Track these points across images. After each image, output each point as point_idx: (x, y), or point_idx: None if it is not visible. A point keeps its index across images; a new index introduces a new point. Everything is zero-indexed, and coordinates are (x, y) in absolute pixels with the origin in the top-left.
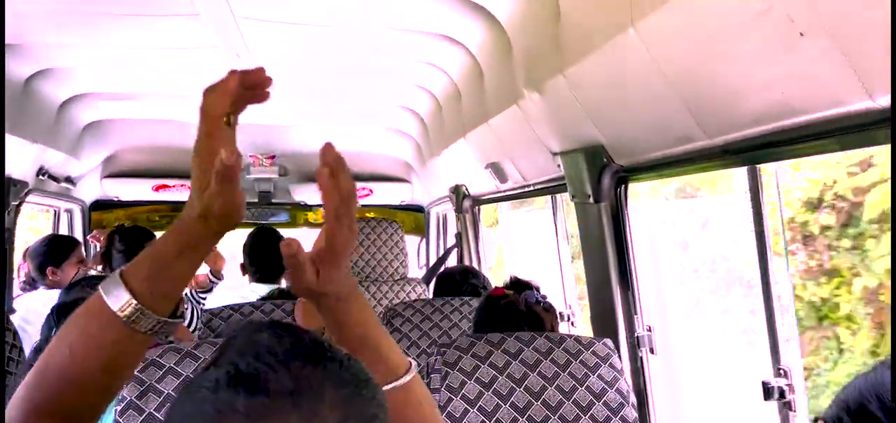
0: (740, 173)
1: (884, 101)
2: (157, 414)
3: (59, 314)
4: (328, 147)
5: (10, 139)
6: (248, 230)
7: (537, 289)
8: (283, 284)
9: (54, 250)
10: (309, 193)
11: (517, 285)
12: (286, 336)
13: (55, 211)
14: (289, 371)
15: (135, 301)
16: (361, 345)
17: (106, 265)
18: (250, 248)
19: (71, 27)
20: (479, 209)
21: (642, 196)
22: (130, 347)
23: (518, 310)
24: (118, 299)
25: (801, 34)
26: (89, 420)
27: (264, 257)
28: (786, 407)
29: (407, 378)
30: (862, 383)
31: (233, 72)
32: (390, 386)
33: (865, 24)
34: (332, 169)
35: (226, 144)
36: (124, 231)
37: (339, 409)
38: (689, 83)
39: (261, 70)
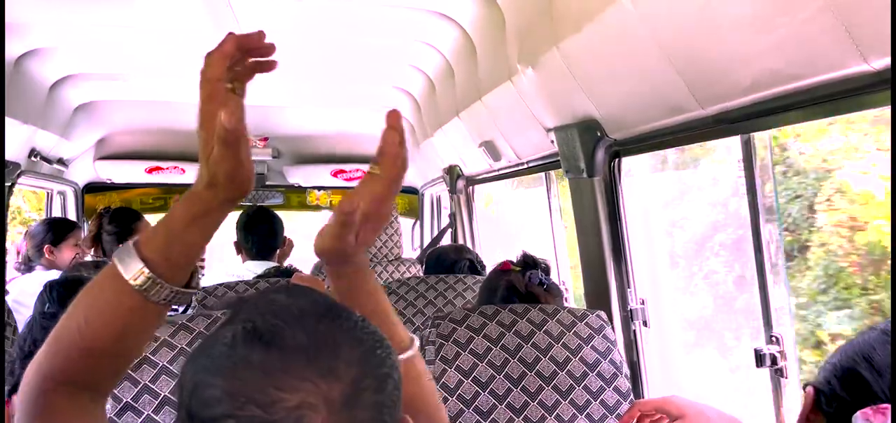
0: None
1: (878, 63)
2: (152, 385)
3: (52, 290)
4: (395, 114)
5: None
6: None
7: (546, 268)
8: (276, 264)
9: (54, 230)
10: (303, 175)
11: (525, 262)
12: (302, 296)
13: (48, 193)
14: (305, 328)
15: (148, 271)
16: (371, 316)
17: (97, 248)
18: (245, 225)
19: (61, 6)
20: (472, 190)
21: (635, 170)
22: (145, 316)
23: (516, 290)
24: (131, 269)
25: None
26: (105, 387)
27: (260, 233)
28: (778, 374)
29: (411, 353)
30: (850, 347)
31: (230, 35)
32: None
33: None
34: (400, 135)
35: (228, 109)
36: (114, 212)
37: (354, 366)
38: (683, 52)
39: (260, 33)
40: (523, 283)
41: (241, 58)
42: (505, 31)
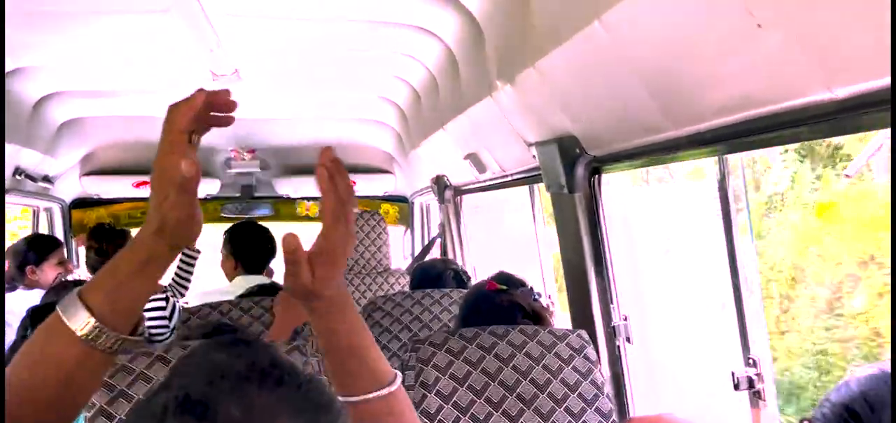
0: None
1: (842, 92)
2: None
3: (34, 317)
4: (327, 150)
5: None
6: (227, 225)
7: (531, 287)
8: (265, 279)
9: (35, 249)
10: (292, 186)
11: (508, 280)
12: (243, 356)
13: (35, 210)
14: (241, 398)
15: (93, 320)
16: (350, 353)
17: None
18: (234, 239)
19: (43, 25)
20: (460, 199)
21: (616, 184)
22: (91, 364)
23: (520, 308)
24: (77, 318)
25: (759, 26)
26: None
27: (249, 247)
28: (756, 397)
29: (392, 388)
30: (849, 386)
31: (200, 90)
32: (375, 394)
33: (821, 16)
34: (331, 170)
35: (188, 159)
36: (94, 231)
37: None
38: (656, 74)
39: (227, 93)
40: (530, 302)
41: (204, 112)
42: (485, 48)
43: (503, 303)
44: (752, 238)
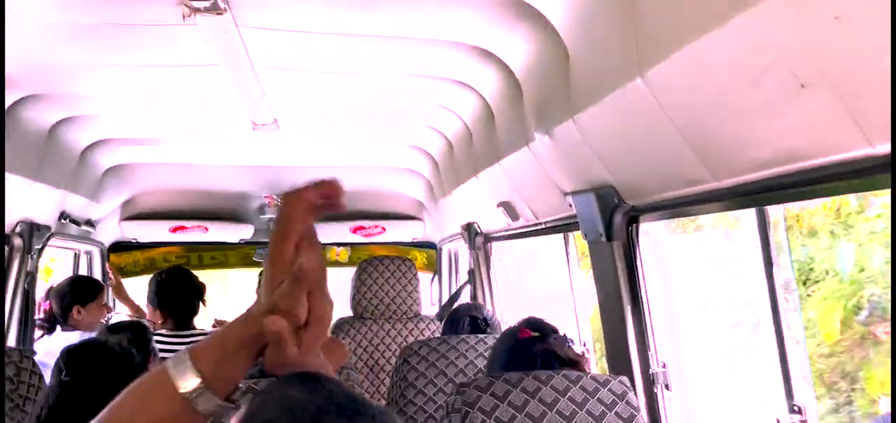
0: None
1: (883, 147)
2: None
3: (68, 358)
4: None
5: (34, 186)
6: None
7: (565, 334)
8: None
9: (81, 291)
10: (323, 232)
11: (540, 327)
12: (318, 391)
13: (75, 253)
14: None
15: (199, 380)
16: None
17: (157, 312)
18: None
19: (93, 77)
20: (490, 246)
21: (653, 232)
22: None
23: (556, 357)
24: (187, 379)
25: (802, 86)
26: None
27: None
28: None
29: None
30: None
31: (311, 185)
32: None
33: (863, 76)
34: (304, 242)
35: (305, 251)
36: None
37: None
38: (697, 130)
39: (336, 182)
40: (565, 349)
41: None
42: (522, 101)
43: (539, 352)
44: (796, 287)
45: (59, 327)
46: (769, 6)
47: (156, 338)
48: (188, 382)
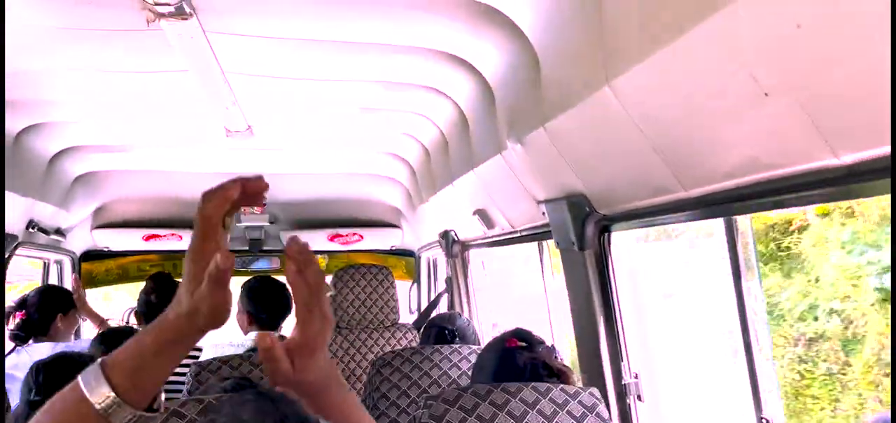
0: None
1: (848, 158)
2: None
3: (39, 373)
4: (293, 241)
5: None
6: (241, 279)
7: (553, 345)
8: (279, 333)
9: (63, 300)
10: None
11: (527, 337)
12: (270, 412)
13: (45, 263)
14: None
15: (113, 394)
16: None
17: (141, 320)
18: (251, 294)
19: (60, 82)
20: (468, 254)
21: (626, 242)
22: None
23: (546, 366)
24: (97, 392)
25: (766, 94)
26: None
27: (264, 304)
28: None
29: None
30: None
31: (233, 181)
32: None
33: (826, 84)
34: (299, 264)
35: (220, 248)
36: (158, 280)
37: None
38: (664, 137)
39: (260, 179)
40: (552, 360)
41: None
42: (495, 109)
43: (527, 362)
44: (763, 298)
45: (39, 338)
46: (732, 14)
47: None
48: (101, 396)
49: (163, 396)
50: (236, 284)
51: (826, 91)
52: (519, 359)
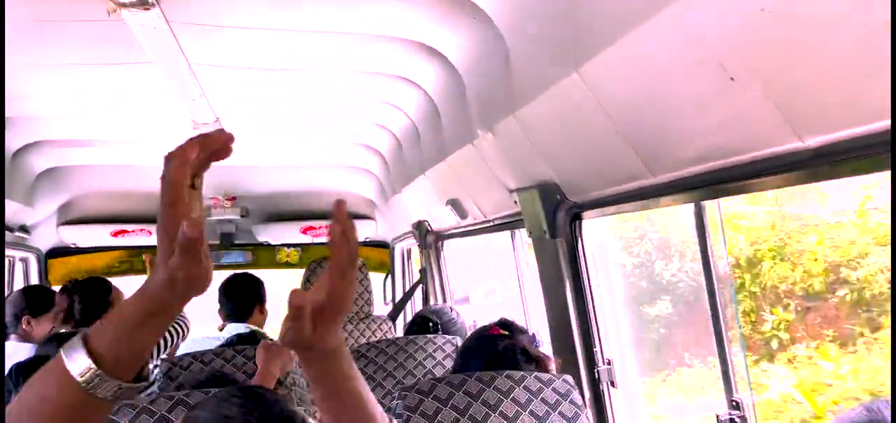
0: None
1: (813, 141)
2: None
3: (18, 374)
4: (340, 205)
5: None
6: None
7: (534, 333)
8: (244, 328)
9: (34, 301)
10: (272, 233)
11: (510, 326)
12: (255, 409)
13: (10, 261)
14: None
15: (94, 366)
16: (345, 401)
17: (74, 324)
18: (222, 289)
19: (20, 76)
20: (442, 244)
21: (596, 228)
22: (88, 412)
23: (525, 353)
24: (78, 363)
25: (732, 79)
26: None
27: (232, 296)
28: None
29: None
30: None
31: (192, 139)
32: None
33: (791, 69)
34: (345, 229)
35: (191, 211)
36: (81, 286)
37: None
38: (633, 124)
39: (221, 131)
40: (533, 347)
41: (201, 156)
42: (466, 97)
43: (507, 347)
44: (732, 283)
45: (13, 338)
46: None
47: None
48: (82, 368)
49: (151, 365)
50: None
51: (790, 76)
52: (498, 346)
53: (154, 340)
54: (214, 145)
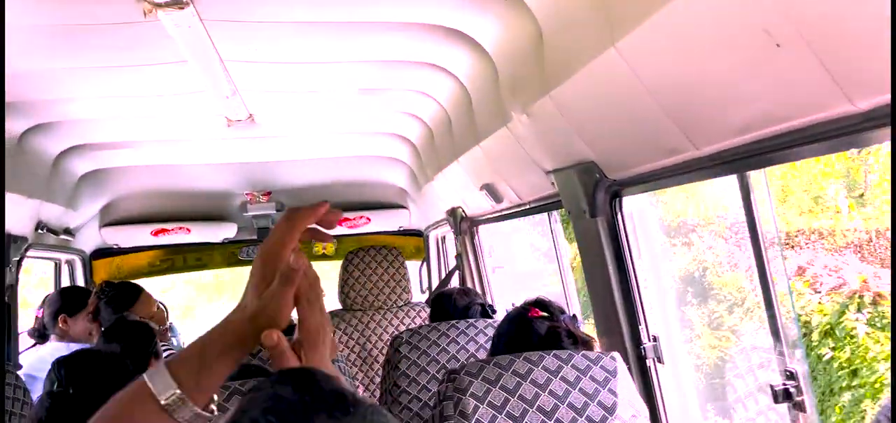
0: None
1: (864, 103)
2: None
3: (61, 368)
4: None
5: (8, 196)
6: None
7: (574, 314)
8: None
9: (69, 300)
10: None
11: (547, 307)
12: (307, 388)
13: (56, 263)
14: None
15: (178, 391)
16: None
17: (98, 324)
18: None
19: (60, 81)
20: (476, 229)
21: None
22: None
23: (570, 334)
24: (164, 388)
25: (778, 45)
26: None
27: None
28: (796, 409)
29: None
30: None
31: (323, 204)
32: None
33: (839, 32)
34: (299, 260)
35: (298, 254)
36: (109, 289)
37: None
38: (674, 97)
39: (337, 213)
40: (577, 328)
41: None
42: (498, 81)
43: (551, 329)
44: (782, 253)
45: (53, 337)
46: None
47: None
48: (168, 392)
49: (216, 397)
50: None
51: (840, 39)
52: (540, 328)
53: (228, 372)
54: (326, 218)
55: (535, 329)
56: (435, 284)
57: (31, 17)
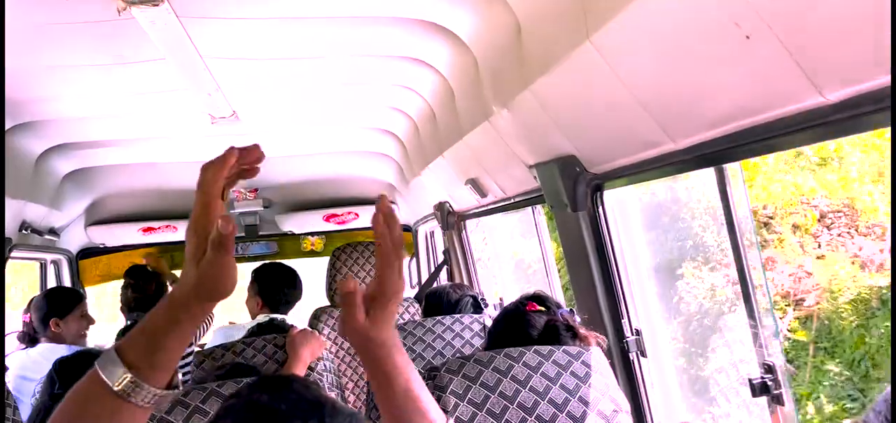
0: None
1: (833, 96)
2: None
3: (60, 369)
4: (383, 198)
5: None
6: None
7: (572, 309)
8: (277, 317)
9: (59, 302)
10: (295, 223)
11: (542, 300)
12: (285, 394)
13: (42, 263)
14: None
15: (130, 375)
16: (405, 396)
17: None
18: (261, 279)
19: (44, 81)
20: (464, 224)
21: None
22: (126, 419)
23: (567, 329)
24: (115, 375)
25: (748, 37)
26: None
27: (275, 288)
28: (775, 402)
29: None
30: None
31: (231, 149)
32: None
33: (806, 24)
34: (387, 218)
35: (224, 217)
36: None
37: None
38: (649, 90)
39: (256, 147)
40: (565, 320)
41: (234, 168)
42: (480, 74)
43: (549, 324)
44: (758, 246)
45: (43, 340)
46: None
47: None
48: (118, 377)
49: (180, 374)
50: (244, 272)
51: (807, 30)
52: (537, 322)
53: (181, 346)
54: (249, 158)
55: (533, 324)
56: (425, 279)
57: (8, 16)
